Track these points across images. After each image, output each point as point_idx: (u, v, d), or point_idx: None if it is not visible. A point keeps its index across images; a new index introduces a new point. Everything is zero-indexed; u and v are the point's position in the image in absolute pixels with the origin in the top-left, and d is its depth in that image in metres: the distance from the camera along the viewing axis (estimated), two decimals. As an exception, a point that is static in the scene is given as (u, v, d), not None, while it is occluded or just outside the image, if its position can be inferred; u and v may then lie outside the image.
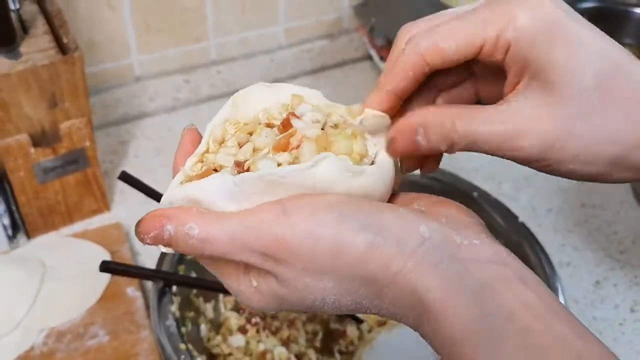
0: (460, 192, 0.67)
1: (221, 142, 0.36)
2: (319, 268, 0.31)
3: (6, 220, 0.72)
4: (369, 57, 1.03)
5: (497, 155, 0.34)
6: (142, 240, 0.33)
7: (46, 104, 0.68)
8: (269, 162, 0.32)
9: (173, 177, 0.35)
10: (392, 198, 0.36)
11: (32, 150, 0.69)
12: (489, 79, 0.37)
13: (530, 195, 0.83)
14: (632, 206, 0.82)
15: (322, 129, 0.34)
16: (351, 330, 0.66)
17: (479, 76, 0.38)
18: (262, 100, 0.37)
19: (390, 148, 0.35)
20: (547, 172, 0.35)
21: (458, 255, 0.31)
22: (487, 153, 0.34)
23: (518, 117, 0.33)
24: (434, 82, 0.37)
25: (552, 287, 0.58)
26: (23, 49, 0.66)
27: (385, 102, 0.36)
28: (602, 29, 0.34)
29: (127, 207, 0.80)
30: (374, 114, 0.36)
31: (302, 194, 0.32)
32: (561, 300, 0.58)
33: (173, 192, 0.34)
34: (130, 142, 0.90)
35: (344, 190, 0.33)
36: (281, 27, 0.99)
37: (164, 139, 0.91)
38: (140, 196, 0.65)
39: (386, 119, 0.36)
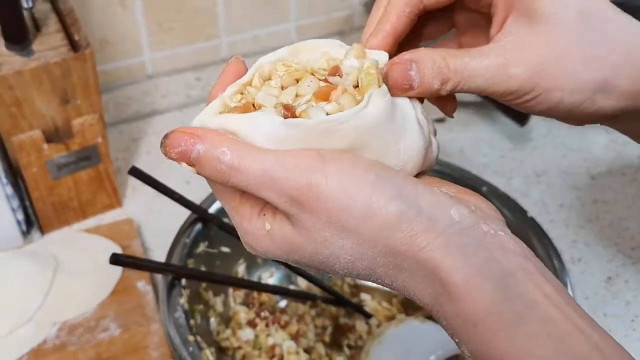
0: (469, 187, 0.66)
1: (266, 80, 0.35)
2: (343, 225, 0.31)
3: (20, 216, 0.73)
4: (380, 54, 1.03)
5: (490, 94, 0.35)
6: (166, 153, 0.32)
7: (58, 101, 0.69)
8: (320, 111, 0.32)
9: (208, 103, 0.35)
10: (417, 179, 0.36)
11: (45, 146, 0.70)
12: (471, 30, 0.39)
13: (541, 191, 0.83)
14: (644, 202, 0.82)
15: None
16: (360, 324, 0.66)
17: (461, 28, 0.40)
18: (323, 54, 0.36)
19: (386, 82, 0.35)
20: (536, 111, 0.36)
21: (484, 242, 0.32)
22: (480, 92, 0.35)
23: (506, 49, 0.35)
24: (419, 34, 0.39)
25: (562, 282, 0.58)
26: (35, 46, 0.67)
27: (383, 44, 0.37)
28: None
29: (138, 202, 0.81)
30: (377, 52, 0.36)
31: (342, 152, 0.32)
32: (572, 294, 0.58)
33: (209, 118, 0.32)
34: (142, 139, 0.91)
35: (390, 134, 0.33)
36: (292, 25, 0.99)
37: (176, 136, 0.91)
38: (151, 192, 0.66)
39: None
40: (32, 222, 0.76)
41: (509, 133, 0.90)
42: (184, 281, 0.58)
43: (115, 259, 0.53)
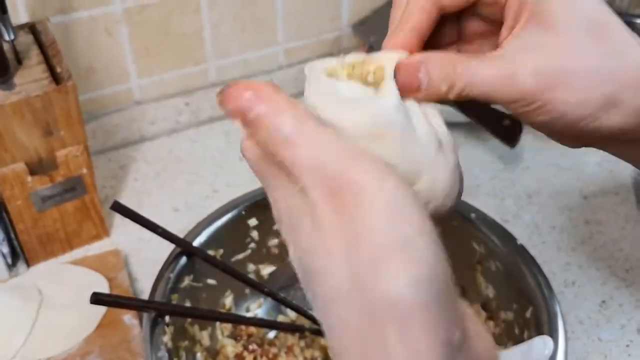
0: (457, 213, 0.66)
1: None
2: (351, 247, 0.26)
3: (5, 249, 0.72)
4: (370, 75, 1.03)
5: (495, 100, 0.35)
6: (221, 102, 0.29)
7: (41, 133, 0.69)
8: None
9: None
10: None
11: (29, 178, 0.70)
12: (477, 39, 0.40)
13: (533, 212, 0.82)
14: (637, 222, 0.81)
15: None
16: (349, 356, 0.65)
17: (468, 36, 0.40)
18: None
19: (396, 80, 0.35)
20: (538, 121, 0.36)
21: None
22: (485, 98, 0.35)
23: (514, 57, 0.35)
24: (428, 44, 0.39)
25: (552, 311, 0.57)
26: (17, 79, 0.66)
27: (409, 43, 0.37)
28: None
29: (126, 232, 0.80)
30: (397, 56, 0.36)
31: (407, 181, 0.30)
32: (562, 322, 0.57)
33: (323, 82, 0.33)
34: (130, 166, 0.90)
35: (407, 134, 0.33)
36: (281, 48, 0.99)
37: (164, 161, 0.91)
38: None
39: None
40: (18, 254, 0.75)
41: (499, 153, 0.90)
42: (167, 317, 0.57)
43: (95, 299, 0.52)
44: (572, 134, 0.37)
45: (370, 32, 0.97)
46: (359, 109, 0.32)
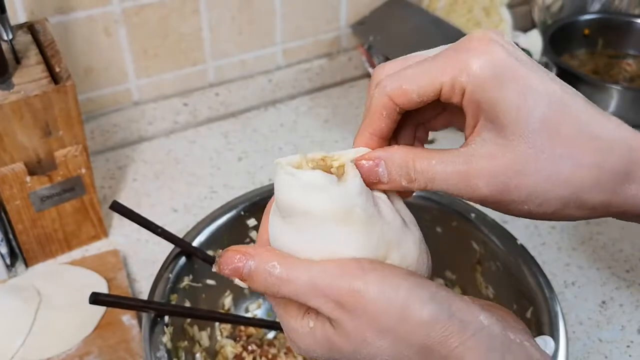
0: (457, 214, 0.65)
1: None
2: (382, 327, 0.33)
3: (4, 249, 0.72)
4: (368, 76, 1.03)
5: (458, 196, 0.36)
6: (220, 270, 0.35)
7: (40, 133, 0.68)
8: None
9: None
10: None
11: (28, 178, 0.69)
12: (459, 113, 0.38)
13: (532, 213, 0.82)
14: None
15: None
16: (349, 356, 0.65)
17: (450, 111, 0.39)
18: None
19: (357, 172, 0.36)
20: (506, 213, 0.36)
21: (511, 349, 0.34)
22: (448, 193, 0.36)
23: (473, 158, 0.34)
24: (413, 118, 0.39)
25: (553, 311, 0.57)
26: (16, 79, 0.66)
27: (371, 144, 0.38)
28: (605, 40, 0.37)
29: (125, 232, 0.79)
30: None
31: (382, 262, 0.35)
32: (563, 322, 0.57)
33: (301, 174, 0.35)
34: (129, 167, 0.90)
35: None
36: (279, 48, 0.99)
37: (163, 162, 0.90)
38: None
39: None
40: (16, 255, 0.75)
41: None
42: (167, 318, 0.57)
43: (94, 299, 0.52)
44: (551, 218, 0.36)
45: (369, 32, 0.97)
46: (323, 193, 0.34)
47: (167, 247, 0.64)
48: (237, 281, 0.35)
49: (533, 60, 0.35)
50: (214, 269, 0.35)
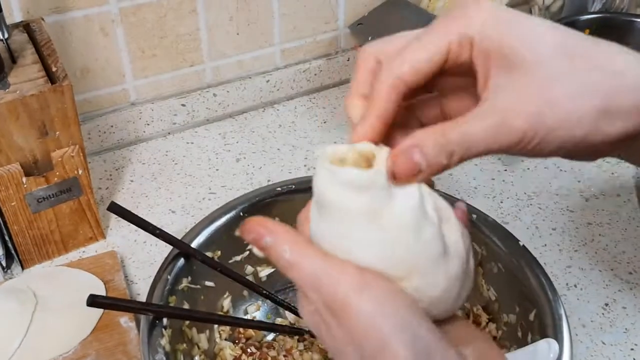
0: (459, 215, 0.65)
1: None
2: (362, 350, 0.33)
3: (0, 251, 0.71)
4: (368, 76, 1.02)
5: (497, 152, 0.35)
6: (242, 234, 0.36)
7: (37, 133, 0.68)
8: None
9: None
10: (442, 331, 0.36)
11: (24, 179, 0.68)
12: (456, 93, 0.39)
13: (533, 214, 0.81)
14: None
15: None
16: (350, 359, 0.64)
17: (445, 93, 0.40)
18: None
19: (392, 174, 0.35)
20: (545, 153, 0.36)
21: None
22: (486, 153, 0.35)
23: (499, 106, 0.35)
24: (410, 113, 0.40)
25: (556, 313, 0.56)
26: (12, 79, 0.65)
27: (376, 130, 0.37)
28: (606, 39, 0.36)
29: (122, 233, 0.79)
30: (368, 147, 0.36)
31: (385, 279, 0.34)
32: (567, 325, 0.56)
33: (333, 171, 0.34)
34: (126, 168, 0.89)
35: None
36: (277, 48, 0.98)
37: (160, 163, 0.90)
38: (134, 223, 0.64)
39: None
40: (12, 256, 0.74)
41: (499, 154, 0.89)
42: (165, 320, 0.56)
43: (92, 301, 0.51)
44: (582, 151, 0.36)
45: (368, 33, 0.96)
46: (356, 193, 0.33)
47: (165, 249, 0.64)
48: (255, 250, 0.36)
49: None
50: (237, 232, 0.37)
